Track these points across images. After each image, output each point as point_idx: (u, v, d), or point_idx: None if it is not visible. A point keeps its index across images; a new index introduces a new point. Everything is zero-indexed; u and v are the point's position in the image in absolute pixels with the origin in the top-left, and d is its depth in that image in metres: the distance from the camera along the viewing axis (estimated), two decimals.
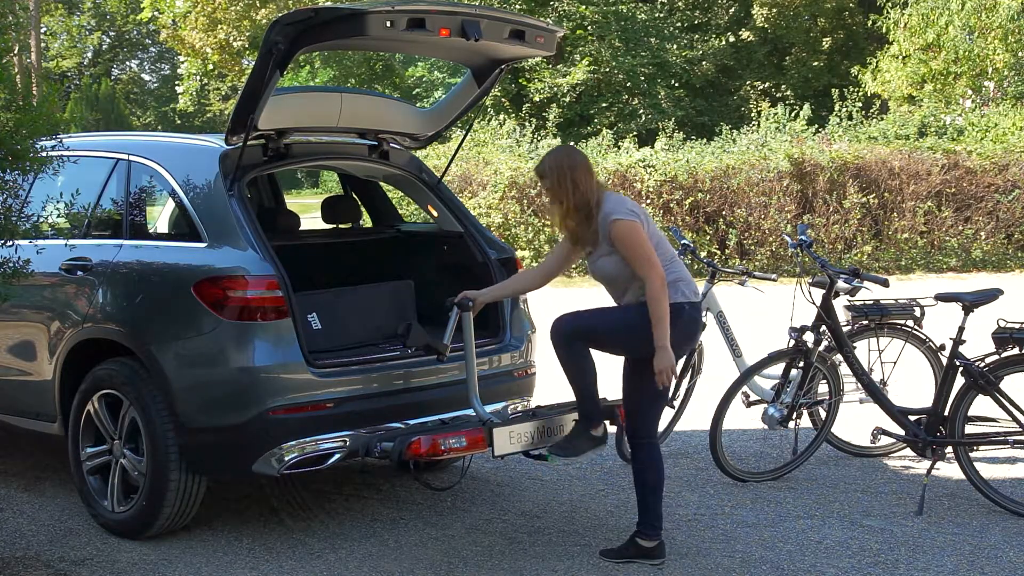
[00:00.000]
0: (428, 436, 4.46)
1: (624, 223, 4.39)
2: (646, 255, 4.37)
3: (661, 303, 4.34)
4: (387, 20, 4.41)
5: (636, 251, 4.38)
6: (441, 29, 4.60)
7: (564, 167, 4.48)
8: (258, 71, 4.61)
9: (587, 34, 25.86)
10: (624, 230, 4.39)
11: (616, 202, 4.48)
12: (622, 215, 4.40)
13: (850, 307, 5.83)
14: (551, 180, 4.50)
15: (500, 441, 4.53)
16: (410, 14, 4.46)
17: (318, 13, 4.48)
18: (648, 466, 4.56)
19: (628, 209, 4.45)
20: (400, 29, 4.46)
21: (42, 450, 6.17)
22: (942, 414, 5.38)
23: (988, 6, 19.94)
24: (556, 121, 19.23)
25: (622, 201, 4.51)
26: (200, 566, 4.58)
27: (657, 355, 4.36)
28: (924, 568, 4.52)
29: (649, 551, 4.53)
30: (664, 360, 4.35)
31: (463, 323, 4.76)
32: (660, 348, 4.35)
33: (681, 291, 4.50)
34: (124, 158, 5.34)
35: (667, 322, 4.35)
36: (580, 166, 4.50)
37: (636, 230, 4.39)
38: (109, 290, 5.02)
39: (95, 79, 40.81)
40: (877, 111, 18.90)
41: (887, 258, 15.72)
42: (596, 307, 4.70)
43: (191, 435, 4.64)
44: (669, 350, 4.35)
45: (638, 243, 4.38)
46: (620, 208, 4.44)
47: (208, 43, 29.71)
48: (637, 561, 4.52)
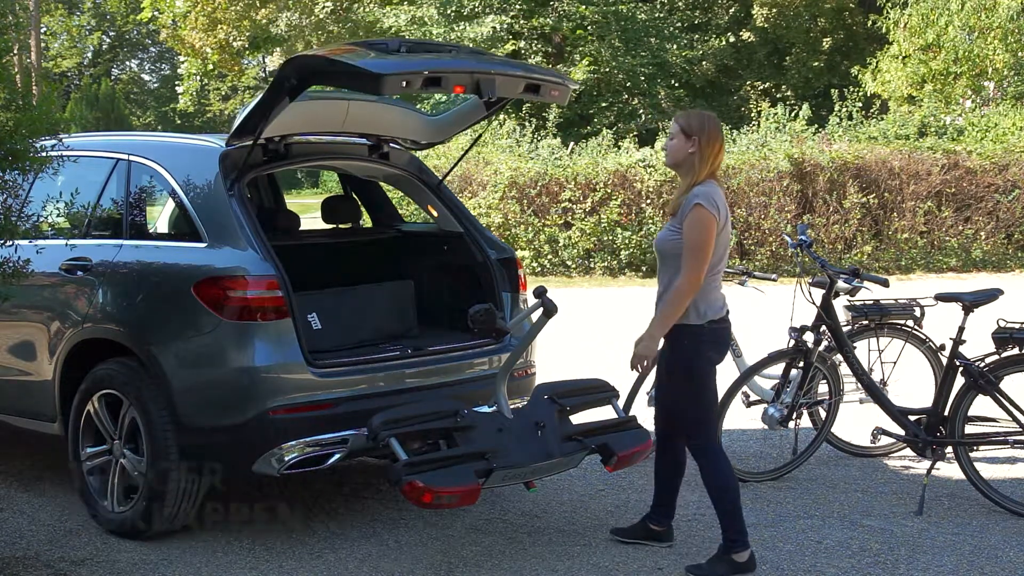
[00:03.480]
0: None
1: (703, 212, 4.30)
2: (700, 253, 4.30)
3: (679, 303, 4.32)
4: (403, 80, 4.41)
5: (694, 243, 4.31)
6: (456, 87, 4.63)
7: (714, 136, 4.40)
8: (268, 100, 4.64)
9: (587, 34, 25.84)
10: (697, 217, 4.31)
11: (711, 192, 4.37)
12: (707, 204, 4.32)
13: (850, 307, 5.83)
14: (699, 140, 4.39)
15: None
16: (426, 75, 4.46)
17: (334, 64, 4.49)
18: (710, 473, 4.49)
19: (715, 202, 4.34)
20: (416, 87, 4.47)
21: (42, 450, 6.17)
22: (942, 414, 5.38)
23: (988, 6, 19.91)
24: (556, 121, 19.16)
25: (717, 194, 4.39)
26: (200, 566, 4.58)
27: (642, 340, 4.39)
28: (924, 568, 4.52)
29: (743, 565, 4.40)
30: (644, 348, 4.37)
31: (537, 323, 4.76)
32: (648, 335, 4.38)
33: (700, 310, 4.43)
34: (124, 158, 5.34)
35: (671, 321, 4.35)
36: (717, 143, 4.42)
37: (708, 225, 4.30)
38: (109, 290, 5.02)
39: (95, 79, 40.78)
40: (877, 111, 18.89)
41: (887, 258, 15.72)
42: (667, 391, 4.60)
43: (191, 435, 4.64)
44: (656, 342, 4.37)
45: (702, 239, 4.30)
46: (710, 197, 4.34)
47: (208, 43, 29.68)
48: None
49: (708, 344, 4.45)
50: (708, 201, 4.32)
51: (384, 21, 25.40)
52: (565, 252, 15.67)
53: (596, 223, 15.47)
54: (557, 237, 15.67)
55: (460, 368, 5.13)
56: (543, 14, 25.37)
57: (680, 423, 4.57)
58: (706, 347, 4.44)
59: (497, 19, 24.13)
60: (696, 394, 4.49)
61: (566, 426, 4.78)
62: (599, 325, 11.21)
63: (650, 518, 4.77)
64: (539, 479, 4.70)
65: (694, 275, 4.30)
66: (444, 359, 5.10)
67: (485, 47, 24.01)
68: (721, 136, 4.46)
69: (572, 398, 4.91)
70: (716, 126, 4.45)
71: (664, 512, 4.76)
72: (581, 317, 11.44)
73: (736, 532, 4.42)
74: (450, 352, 5.17)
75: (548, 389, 4.89)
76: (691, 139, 4.42)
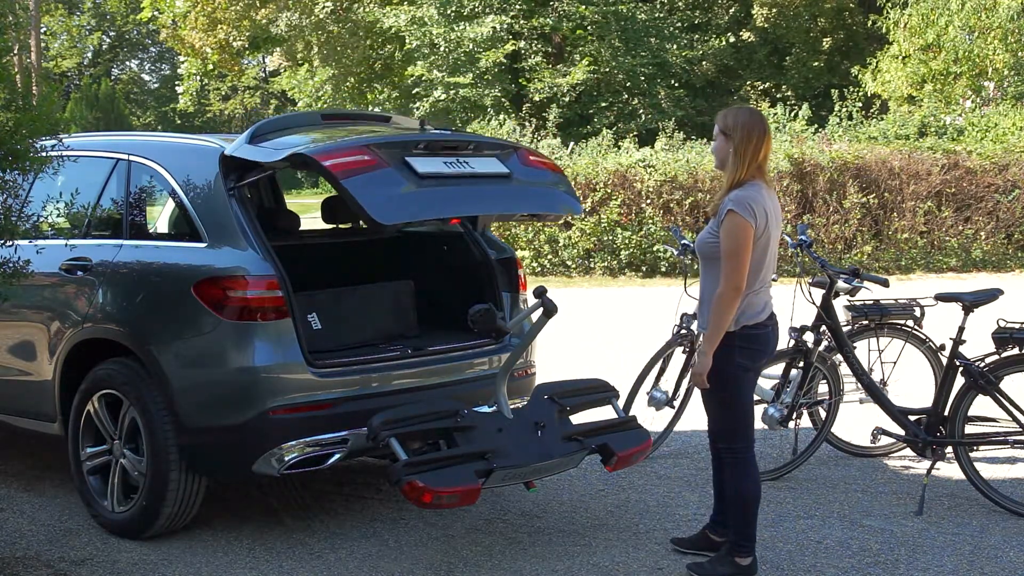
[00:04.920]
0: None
1: (736, 219, 4.17)
2: (735, 261, 4.17)
3: (723, 312, 4.20)
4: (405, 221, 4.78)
5: (728, 251, 4.19)
6: (452, 219, 5.29)
7: (751, 131, 4.25)
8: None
9: (587, 34, 25.83)
10: (731, 225, 4.18)
11: (749, 196, 4.21)
12: (740, 210, 4.17)
13: (850, 307, 5.83)
14: (733, 138, 4.26)
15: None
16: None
17: (342, 190, 4.48)
18: (739, 481, 4.40)
19: (751, 207, 4.19)
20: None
21: (42, 450, 6.17)
22: (942, 414, 5.38)
23: (988, 6, 19.91)
24: (556, 121, 19.17)
25: (755, 198, 4.22)
26: (200, 566, 4.58)
27: (697, 358, 4.34)
28: (924, 568, 4.51)
29: (745, 569, 4.39)
30: (700, 365, 4.30)
31: (537, 323, 4.76)
32: (701, 352, 4.30)
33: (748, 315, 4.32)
34: (124, 158, 5.34)
35: (720, 332, 4.23)
36: (756, 138, 4.26)
37: (742, 232, 4.16)
38: (109, 290, 5.02)
39: (95, 79, 40.80)
40: (877, 111, 18.89)
41: (887, 258, 15.72)
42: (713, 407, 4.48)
43: (191, 435, 4.64)
44: (709, 356, 4.26)
45: (737, 246, 4.17)
46: (745, 202, 4.18)
47: (208, 43, 29.67)
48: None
49: (740, 350, 4.30)
50: (742, 206, 4.17)
51: (384, 21, 25.39)
52: (565, 252, 15.67)
53: (596, 223, 15.47)
54: (557, 237, 15.67)
55: (460, 368, 5.12)
56: (543, 14, 25.35)
57: (711, 429, 4.51)
58: (738, 353, 4.30)
59: (497, 19, 24.11)
60: (729, 401, 4.38)
61: (566, 426, 4.78)
62: (599, 325, 11.21)
63: (712, 528, 4.65)
64: (539, 479, 4.70)
65: (732, 282, 4.18)
66: (444, 359, 5.10)
67: (485, 47, 24.03)
68: (761, 132, 4.26)
69: (572, 398, 4.91)
70: (754, 122, 4.27)
71: (725, 523, 4.57)
72: (581, 317, 11.45)
73: (745, 539, 4.39)
74: (450, 352, 5.17)
75: (548, 389, 4.88)
76: (729, 138, 4.30)
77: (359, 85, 29.44)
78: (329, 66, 28.73)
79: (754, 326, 4.33)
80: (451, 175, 4.76)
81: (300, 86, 29.67)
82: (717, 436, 4.48)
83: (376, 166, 4.52)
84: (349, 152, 4.55)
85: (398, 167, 4.59)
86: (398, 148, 4.70)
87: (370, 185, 4.44)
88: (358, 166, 4.48)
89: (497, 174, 4.96)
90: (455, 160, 4.83)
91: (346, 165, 4.46)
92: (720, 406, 4.41)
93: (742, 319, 4.29)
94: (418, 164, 4.64)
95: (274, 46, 31.91)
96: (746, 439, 4.41)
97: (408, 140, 4.89)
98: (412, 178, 4.58)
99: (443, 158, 4.80)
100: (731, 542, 4.42)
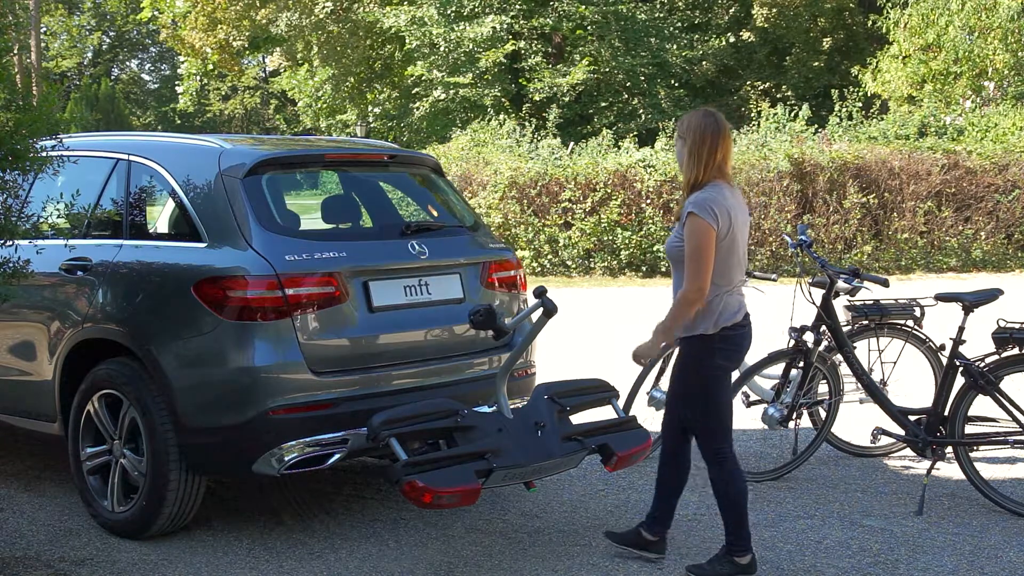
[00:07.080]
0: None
1: (697, 221, 4.18)
2: (697, 263, 4.19)
3: (683, 310, 4.25)
4: None
5: (692, 253, 4.21)
6: None
7: (703, 132, 4.26)
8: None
9: (587, 34, 25.85)
10: (692, 227, 4.20)
11: (709, 197, 4.22)
12: (701, 212, 4.18)
13: (850, 307, 5.83)
14: (687, 141, 4.28)
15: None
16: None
17: None
18: (722, 481, 4.41)
19: (712, 209, 4.19)
20: None
21: (42, 450, 6.17)
22: (942, 414, 5.38)
23: (988, 6, 19.93)
24: (556, 121, 19.17)
25: (716, 200, 4.21)
26: (200, 566, 4.58)
27: (644, 342, 4.41)
28: (924, 568, 4.52)
29: (744, 567, 4.39)
30: (645, 349, 4.41)
31: (537, 323, 4.77)
32: (651, 340, 4.38)
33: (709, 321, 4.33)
34: (124, 158, 5.34)
35: (673, 328, 4.31)
36: (709, 138, 4.25)
37: (703, 234, 4.17)
38: (109, 290, 5.02)
39: (95, 79, 40.82)
40: (877, 111, 18.90)
41: (887, 258, 15.72)
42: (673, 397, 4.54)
43: (191, 435, 4.64)
44: (656, 346, 4.39)
45: (698, 247, 4.18)
46: (705, 204, 4.19)
47: (208, 43, 29.70)
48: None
49: (719, 351, 4.33)
50: (702, 208, 4.18)
51: (384, 21, 25.41)
52: (565, 252, 15.67)
53: (596, 223, 15.47)
54: (557, 237, 15.67)
55: (460, 368, 5.12)
56: (543, 14, 25.37)
57: (692, 432, 4.51)
58: (718, 355, 4.34)
59: (497, 19, 24.14)
60: (707, 403, 4.40)
61: (566, 426, 4.77)
62: (599, 325, 11.21)
63: (646, 526, 4.65)
64: (539, 479, 4.70)
65: (695, 283, 4.20)
66: (444, 359, 5.10)
67: (485, 47, 24.03)
68: (715, 133, 4.25)
69: (572, 398, 4.91)
70: (707, 123, 4.27)
71: (661, 521, 4.63)
72: (581, 317, 11.45)
73: (740, 537, 4.40)
74: (450, 352, 5.16)
75: (548, 389, 4.88)
76: (684, 141, 4.33)
77: (359, 85, 29.46)
78: (329, 66, 28.76)
79: (732, 327, 4.35)
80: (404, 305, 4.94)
81: (300, 86, 29.71)
82: (699, 440, 4.48)
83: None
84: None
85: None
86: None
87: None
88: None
89: (452, 300, 5.12)
90: (416, 283, 4.98)
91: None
92: (700, 408, 4.42)
93: (720, 321, 4.31)
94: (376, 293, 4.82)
95: (274, 46, 31.94)
96: (728, 438, 4.46)
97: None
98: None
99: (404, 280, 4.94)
100: (728, 542, 4.42)
